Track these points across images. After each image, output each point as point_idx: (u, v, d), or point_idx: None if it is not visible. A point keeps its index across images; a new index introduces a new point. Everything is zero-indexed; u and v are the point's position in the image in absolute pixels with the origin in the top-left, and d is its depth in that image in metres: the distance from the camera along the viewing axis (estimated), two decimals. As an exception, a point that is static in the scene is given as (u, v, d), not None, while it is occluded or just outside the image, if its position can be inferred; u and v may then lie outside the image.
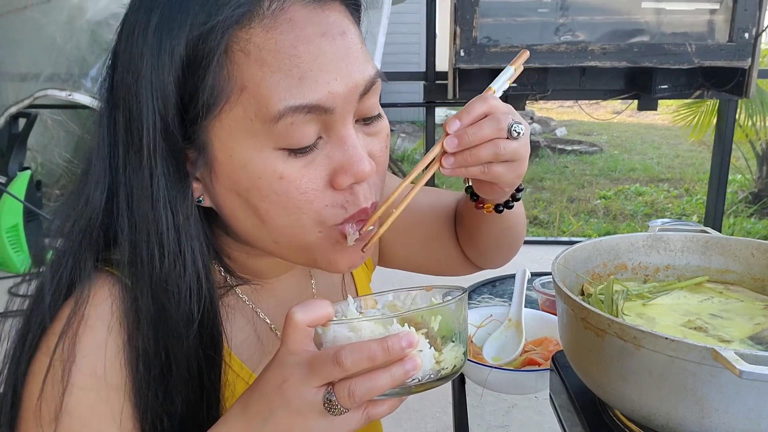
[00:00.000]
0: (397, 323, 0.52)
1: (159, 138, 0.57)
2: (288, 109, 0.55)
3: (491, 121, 0.62)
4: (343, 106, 0.58)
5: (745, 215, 5.37)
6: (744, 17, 2.75)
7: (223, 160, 0.58)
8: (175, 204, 0.59)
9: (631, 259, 0.84)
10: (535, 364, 1.04)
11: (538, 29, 2.92)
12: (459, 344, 0.56)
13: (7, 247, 3.48)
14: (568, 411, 0.75)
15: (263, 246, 0.64)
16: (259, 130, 0.56)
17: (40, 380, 0.59)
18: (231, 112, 0.57)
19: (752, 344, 0.65)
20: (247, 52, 0.55)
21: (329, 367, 0.49)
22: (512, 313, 1.16)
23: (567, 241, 4.38)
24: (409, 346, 0.49)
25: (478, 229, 0.83)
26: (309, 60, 0.56)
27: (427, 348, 0.53)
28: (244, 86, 0.56)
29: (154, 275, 0.59)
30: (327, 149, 0.59)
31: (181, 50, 0.55)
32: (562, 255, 0.75)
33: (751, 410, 0.55)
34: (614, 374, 0.62)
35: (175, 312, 0.60)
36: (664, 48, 2.79)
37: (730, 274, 0.82)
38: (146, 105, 0.57)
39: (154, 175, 0.58)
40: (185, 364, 0.61)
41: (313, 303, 0.52)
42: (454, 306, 0.55)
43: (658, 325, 0.70)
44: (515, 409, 1.07)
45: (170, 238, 0.59)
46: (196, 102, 0.57)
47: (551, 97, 3.09)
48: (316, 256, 0.64)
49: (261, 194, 0.58)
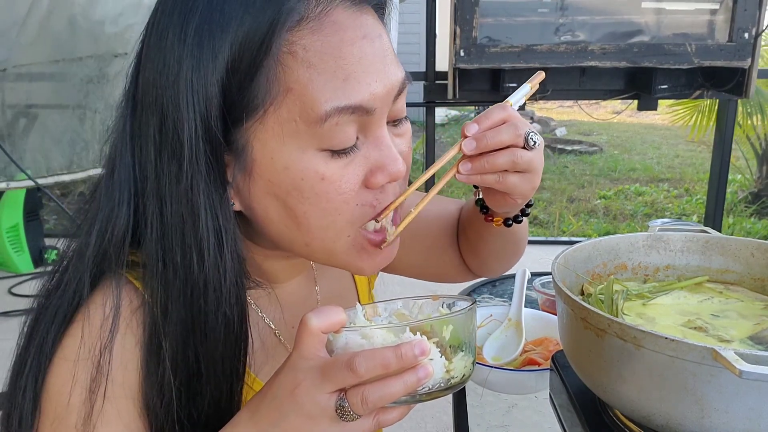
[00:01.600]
0: (409, 331, 0.52)
1: (200, 141, 0.57)
2: (334, 110, 0.56)
3: (509, 127, 0.63)
4: (381, 108, 0.59)
5: (745, 215, 5.37)
6: (744, 17, 2.75)
7: (264, 163, 0.58)
8: (215, 208, 0.59)
9: (631, 259, 0.84)
10: (535, 364, 1.04)
11: (537, 29, 2.91)
12: (468, 354, 0.56)
13: (7, 247, 3.47)
14: (568, 411, 0.75)
15: (293, 249, 0.64)
16: (303, 132, 0.57)
17: (63, 386, 0.59)
18: (275, 114, 0.57)
19: (752, 344, 0.66)
20: (294, 53, 0.56)
21: (343, 373, 0.49)
22: (512, 313, 1.16)
23: (567, 241, 4.38)
24: (421, 354, 0.50)
25: (482, 240, 0.84)
26: (353, 62, 0.57)
27: (438, 357, 0.53)
28: (290, 88, 0.56)
29: (190, 280, 0.59)
30: (364, 150, 0.60)
31: (225, 52, 0.55)
32: (562, 255, 0.76)
33: (750, 410, 0.55)
34: (614, 374, 0.62)
35: (214, 316, 0.60)
36: (664, 48, 2.79)
37: (730, 274, 0.82)
38: (187, 108, 0.56)
39: (194, 179, 0.57)
40: (218, 366, 0.61)
41: (328, 309, 0.52)
42: (465, 316, 0.56)
43: (658, 325, 0.70)
44: (515, 409, 1.07)
45: (210, 242, 0.59)
46: (240, 104, 0.57)
47: (551, 97, 3.09)
48: (345, 261, 0.64)
49: (302, 196, 0.59)
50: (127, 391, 0.60)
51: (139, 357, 0.60)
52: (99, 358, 0.59)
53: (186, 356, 0.60)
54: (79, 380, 0.59)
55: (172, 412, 0.60)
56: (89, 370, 0.59)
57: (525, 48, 2.80)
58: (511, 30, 2.89)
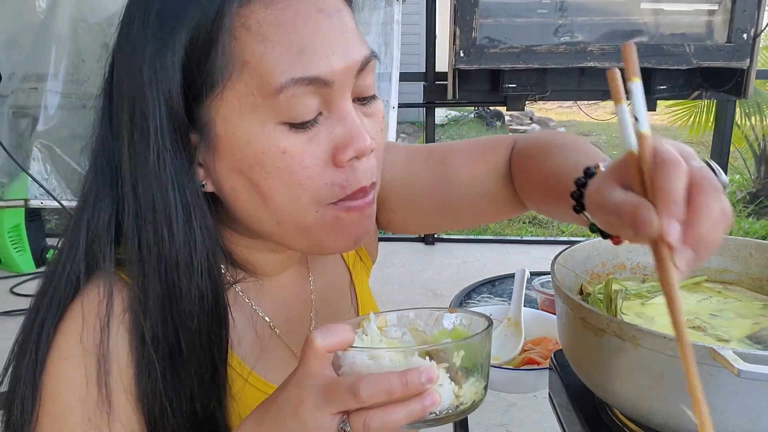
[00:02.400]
0: (418, 355, 0.51)
1: (165, 119, 0.58)
2: (289, 81, 0.56)
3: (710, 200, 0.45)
4: (341, 80, 0.59)
5: (743, 215, 5.38)
6: (742, 18, 2.75)
7: (226, 138, 0.59)
8: (183, 184, 0.60)
9: (629, 258, 0.84)
10: (534, 363, 1.05)
11: (537, 30, 2.92)
12: (480, 378, 0.54)
13: (9, 246, 3.47)
14: (567, 410, 0.75)
15: (265, 229, 0.64)
16: (261, 105, 0.57)
17: (60, 385, 0.60)
18: (233, 88, 0.58)
19: (750, 343, 0.66)
20: (248, 27, 0.57)
21: (345, 396, 0.49)
22: (511, 313, 1.17)
23: (566, 240, 4.38)
24: (429, 381, 0.48)
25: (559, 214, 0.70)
26: (308, 35, 0.57)
27: (447, 382, 0.51)
28: (246, 62, 0.57)
29: (162, 255, 0.60)
30: (328, 125, 0.60)
31: (183, 33, 0.57)
32: (561, 255, 0.76)
33: (749, 409, 0.55)
34: (613, 373, 0.62)
35: (187, 289, 0.61)
36: (662, 49, 2.80)
37: (728, 273, 0.82)
38: (150, 89, 0.58)
39: (161, 156, 0.59)
40: (197, 341, 0.62)
41: (335, 328, 0.52)
42: (479, 340, 0.54)
43: (657, 324, 0.70)
44: (514, 408, 1.07)
45: (179, 217, 0.60)
46: (199, 81, 0.58)
47: (550, 98, 3.09)
48: (318, 238, 0.64)
49: (265, 170, 0.59)
50: (121, 384, 0.61)
51: (129, 348, 0.61)
52: (94, 355, 0.60)
53: (166, 333, 0.61)
54: (75, 379, 0.60)
55: (162, 398, 0.61)
56: (85, 368, 0.60)
57: (524, 49, 2.80)
58: (510, 31, 2.89)
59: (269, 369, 0.72)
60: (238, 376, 0.69)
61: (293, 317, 0.77)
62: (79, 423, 0.59)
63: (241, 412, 0.67)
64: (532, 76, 2.92)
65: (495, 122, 8.83)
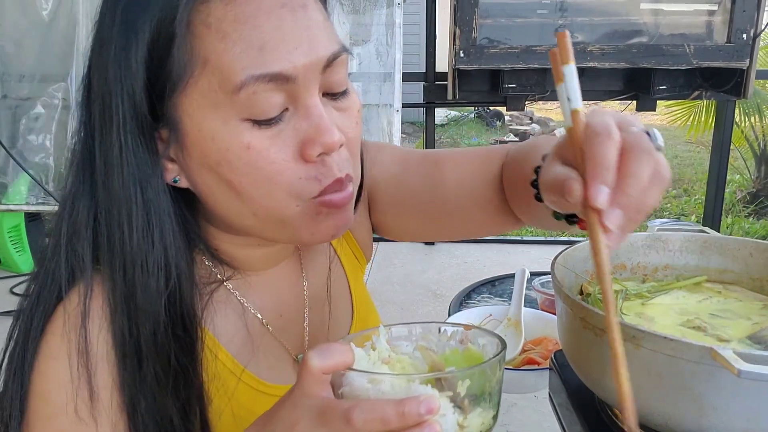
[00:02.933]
0: (420, 383, 0.48)
1: (128, 116, 0.59)
2: (249, 78, 0.56)
3: (640, 159, 0.47)
4: (305, 76, 0.59)
5: (744, 215, 5.38)
6: (742, 18, 2.75)
7: (193, 135, 0.60)
8: (144, 180, 0.60)
9: (629, 258, 0.84)
10: (535, 364, 1.05)
11: (537, 30, 2.92)
12: (489, 408, 0.51)
13: (9, 246, 3.47)
14: (567, 410, 0.75)
15: (244, 222, 0.64)
16: (223, 102, 0.58)
17: (47, 383, 0.61)
18: (196, 85, 0.58)
19: (751, 344, 0.66)
20: (208, 25, 0.57)
21: (339, 422, 0.47)
22: (511, 313, 1.17)
23: (566, 240, 4.38)
24: (428, 412, 0.45)
25: (542, 218, 0.72)
26: (269, 30, 0.57)
27: (450, 412, 0.48)
28: (207, 59, 0.57)
29: (125, 251, 0.61)
30: (294, 121, 0.60)
31: (146, 30, 0.57)
32: (561, 255, 0.76)
33: (749, 409, 0.55)
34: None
35: (143, 287, 0.61)
36: (662, 49, 2.80)
37: (728, 273, 0.82)
38: (116, 85, 0.59)
39: (123, 151, 0.59)
40: (152, 341, 0.62)
41: (333, 348, 0.50)
42: (489, 367, 0.50)
43: (657, 324, 0.70)
44: (515, 408, 1.07)
45: (139, 213, 0.60)
46: (162, 78, 0.58)
47: (550, 98, 3.09)
48: (296, 230, 0.64)
49: (231, 166, 0.59)
50: (111, 382, 0.61)
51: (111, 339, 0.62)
52: (78, 354, 0.60)
53: (131, 330, 0.61)
54: (63, 377, 0.60)
55: (131, 398, 0.61)
56: (71, 366, 0.60)
57: (524, 49, 2.80)
58: (510, 31, 2.89)
59: (262, 367, 0.72)
60: (231, 375, 0.69)
61: (286, 314, 0.77)
62: (68, 421, 0.60)
63: (234, 410, 0.67)
64: (532, 76, 2.92)
65: (495, 122, 8.83)
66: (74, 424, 0.60)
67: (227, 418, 0.67)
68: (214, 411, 0.67)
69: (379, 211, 0.87)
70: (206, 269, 0.70)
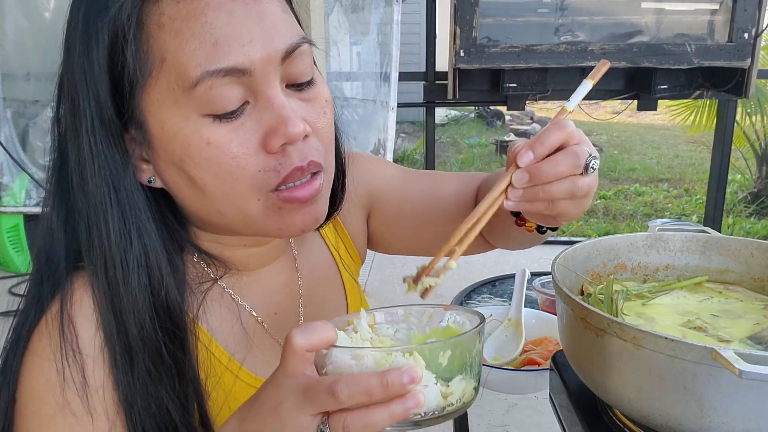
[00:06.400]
0: (403, 355, 0.49)
1: (95, 117, 0.60)
2: (204, 74, 0.57)
3: (568, 156, 0.58)
4: (263, 68, 0.59)
5: (745, 215, 5.38)
6: (743, 17, 2.75)
7: (157, 133, 0.60)
8: (117, 181, 0.61)
9: (630, 259, 0.84)
10: (535, 364, 1.05)
11: (537, 29, 2.92)
12: (470, 378, 0.53)
13: (7, 247, 3.48)
14: (568, 410, 0.75)
15: (212, 219, 0.65)
16: (182, 99, 0.58)
17: (36, 380, 0.61)
18: (156, 85, 0.58)
19: (751, 344, 0.66)
20: (160, 24, 0.57)
21: (324, 396, 0.47)
22: (512, 313, 1.17)
23: (567, 241, 4.38)
24: (411, 382, 0.46)
25: (505, 232, 0.81)
26: (221, 25, 0.57)
27: (432, 383, 0.49)
28: (164, 58, 0.57)
29: (104, 251, 0.61)
30: (255, 113, 0.60)
31: (104, 33, 0.58)
32: (561, 255, 0.76)
33: (750, 410, 0.55)
34: (614, 374, 0.62)
35: (125, 286, 0.61)
36: (663, 48, 2.79)
37: (729, 273, 0.82)
38: (81, 88, 0.59)
39: (93, 153, 0.60)
40: (140, 336, 0.62)
41: (315, 327, 0.50)
42: (468, 338, 0.52)
43: (658, 324, 0.70)
44: (515, 408, 1.07)
45: (114, 213, 0.61)
46: (124, 79, 0.59)
47: (551, 97, 3.09)
48: (263, 225, 0.64)
49: (193, 162, 0.60)
50: (102, 381, 0.62)
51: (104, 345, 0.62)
52: (63, 352, 0.61)
53: (118, 329, 0.61)
54: (48, 374, 0.61)
55: (126, 395, 0.61)
56: (56, 363, 0.61)
57: (525, 48, 2.80)
58: (511, 30, 2.90)
59: (259, 364, 0.72)
60: (227, 372, 0.69)
61: (281, 311, 0.77)
62: (50, 413, 0.60)
63: (232, 407, 0.68)
64: (532, 75, 2.92)
65: (495, 122, 8.83)
66: (63, 418, 0.60)
67: (226, 413, 0.67)
68: (213, 406, 0.67)
69: (378, 221, 0.88)
70: (198, 269, 0.70)
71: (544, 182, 0.58)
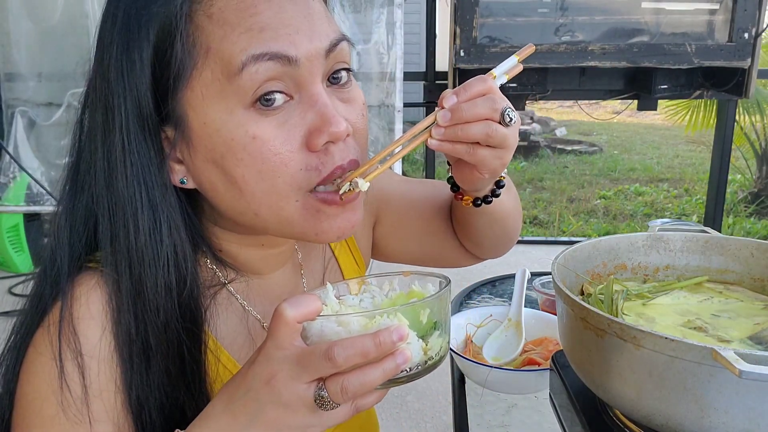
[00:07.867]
0: (386, 317, 0.52)
1: (131, 116, 0.59)
2: (250, 58, 0.57)
3: (487, 100, 0.62)
4: (308, 61, 0.59)
5: (745, 215, 5.38)
6: (744, 17, 2.75)
7: (198, 129, 0.60)
8: (150, 180, 0.61)
9: (630, 259, 0.84)
10: (535, 364, 1.04)
11: (538, 29, 2.92)
12: (444, 333, 0.57)
13: (7, 247, 3.48)
14: (568, 411, 0.75)
15: (246, 221, 0.64)
16: (227, 90, 0.58)
17: (35, 379, 0.61)
18: (200, 77, 0.58)
19: (752, 344, 0.66)
20: (209, 15, 0.58)
21: (320, 363, 0.49)
22: (512, 313, 1.16)
23: (567, 241, 4.38)
24: (400, 339, 0.49)
25: (466, 221, 0.84)
26: (270, 15, 0.58)
27: (415, 340, 0.53)
28: (209, 48, 0.57)
29: (131, 250, 0.61)
30: (299, 110, 0.60)
31: (150, 28, 0.58)
32: (562, 255, 0.76)
33: (750, 410, 0.55)
34: (614, 374, 0.62)
35: (153, 284, 0.61)
36: (663, 48, 2.79)
37: (729, 273, 0.82)
38: (117, 86, 0.59)
39: (126, 152, 0.60)
40: (164, 338, 0.62)
41: (302, 298, 0.52)
42: (443, 296, 0.56)
43: (658, 324, 0.70)
44: (515, 409, 1.07)
45: (145, 213, 0.61)
46: (167, 75, 0.58)
47: (551, 97, 3.09)
48: (301, 229, 0.64)
49: (236, 158, 0.59)
50: (105, 380, 0.61)
51: (114, 344, 0.62)
52: (66, 351, 0.60)
53: (138, 328, 0.61)
54: (48, 372, 0.60)
55: (138, 393, 0.61)
56: (56, 362, 0.60)
57: (525, 48, 2.80)
58: (511, 30, 2.90)
59: None
60: (231, 376, 0.69)
61: None
62: (52, 413, 0.60)
63: None
64: (532, 75, 2.92)
65: (495, 122, 8.82)
66: (56, 416, 0.60)
67: None
68: None
69: (385, 227, 0.89)
70: (209, 272, 0.70)
71: (464, 122, 0.62)
